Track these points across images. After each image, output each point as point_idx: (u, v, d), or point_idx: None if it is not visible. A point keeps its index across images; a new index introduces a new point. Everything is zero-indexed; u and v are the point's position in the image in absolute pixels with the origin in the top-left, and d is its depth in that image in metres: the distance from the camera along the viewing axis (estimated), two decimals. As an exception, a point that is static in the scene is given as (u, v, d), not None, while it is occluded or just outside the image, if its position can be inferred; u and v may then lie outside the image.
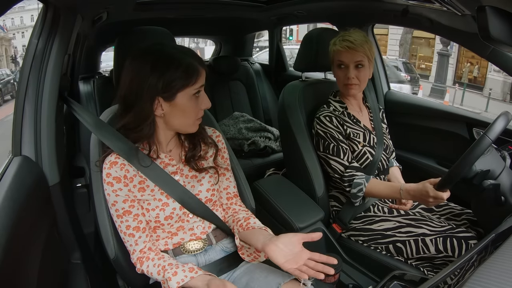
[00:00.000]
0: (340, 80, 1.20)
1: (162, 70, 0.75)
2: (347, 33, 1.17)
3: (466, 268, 0.90)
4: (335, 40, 1.18)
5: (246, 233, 0.83)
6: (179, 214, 0.84)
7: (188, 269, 0.75)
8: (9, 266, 0.60)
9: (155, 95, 0.76)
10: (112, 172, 0.80)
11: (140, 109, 0.77)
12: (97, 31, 1.65)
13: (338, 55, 1.17)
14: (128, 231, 0.80)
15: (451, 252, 0.99)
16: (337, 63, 1.18)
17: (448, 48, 9.33)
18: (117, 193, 0.80)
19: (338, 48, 1.16)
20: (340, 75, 1.19)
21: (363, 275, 1.17)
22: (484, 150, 0.88)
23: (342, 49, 1.15)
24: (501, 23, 0.72)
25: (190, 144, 0.89)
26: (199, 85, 0.79)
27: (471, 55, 10.74)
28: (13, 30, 15.29)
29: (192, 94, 0.79)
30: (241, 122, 2.16)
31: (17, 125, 0.87)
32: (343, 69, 1.17)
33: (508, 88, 9.79)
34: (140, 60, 0.77)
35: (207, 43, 14.46)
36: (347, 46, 1.14)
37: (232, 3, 1.83)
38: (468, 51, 10.04)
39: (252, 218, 0.89)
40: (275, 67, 2.57)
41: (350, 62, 1.15)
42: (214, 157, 0.92)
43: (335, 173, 1.18)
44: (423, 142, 1.58)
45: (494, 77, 10.03)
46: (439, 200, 0.97)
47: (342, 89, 1.22)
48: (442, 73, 9.44)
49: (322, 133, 1.20)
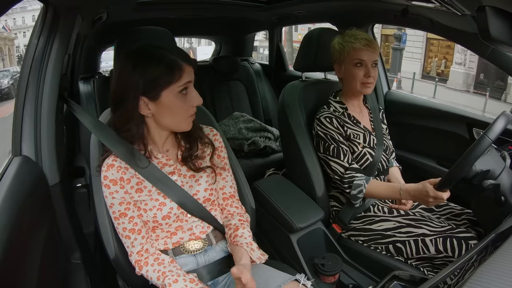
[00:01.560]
0: (358, 79, 1.16)
1: (143, 69, 0.74)
2: (357, 33, 1.16)
3: (466, 268, 0.90)
4: (349, 38, 1.15)
5: (231, 247, 0.85)
6: (177, 214, 0.84)
7: (189, 280, 0.76)
8: (9, 266, 0.60)
9: (138, 95, 0.76)
10: (108, 174, 0.80)
11: (124, 109, 0.78)
12: (97, 31, 1.65)
13: (358, 53, 1.14)
14: (124, 233, 0.81)
15: (451, 252, 0.99)
16: (356, 62, 1.15)
17: (400, 43, 10.09)
18: (113, 196, 0.80)
19: (359, 46, 1.13)
20: (359, 73, 1.16)
21: (363, 275, 1.17)
22: (484, 150, 0.87)
23: (364, 47, 1.13)
24: (501, 23, 0.73)
25: (187, 143, 0.88)
26: (184, 82, 0.77)
27: (436, 49, 12.06)
28: (15, 30, 15.43)
29: (177, 91, 0.77)
30: (241, 122, 2.16)
31: (17, 125, 0.87)
32: (361, 68, 1.15)
33: (470, 79, 10.90)
34: (124, 60, 0.77)
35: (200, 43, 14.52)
36: (367, 44, 1.13)
37: (232, 3, 1.83)
38: (435, 46, 11.99)
39: (240, 229, 0.87)
40: (275, 67, 2.57)
41: (369, 60, 1.14)
42: (211, 156, 0.92)
43: (335, 174, 1.18)
44: (423, 142, 1.58)
45: (456, 69, 11.19)
46: (439, 200, 0.97)
47: (359, 87, 1.18)
48: (395, 65, 10.24)
49: (322, 134, 1.20)
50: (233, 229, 0.87)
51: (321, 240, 1.23)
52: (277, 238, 1.27)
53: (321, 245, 1.23)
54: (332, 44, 1.23)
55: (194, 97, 0.80)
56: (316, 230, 1.22)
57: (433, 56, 12.20)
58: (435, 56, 12.17)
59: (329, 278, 1.13)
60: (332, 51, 1.23)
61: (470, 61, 11.05)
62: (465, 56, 11.14)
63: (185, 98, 0.79)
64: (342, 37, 1.19)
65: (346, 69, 1.19)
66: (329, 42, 1.28)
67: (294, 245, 1.18)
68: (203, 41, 14.66)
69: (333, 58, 1.23)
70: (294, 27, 11.44)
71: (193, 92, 0.80)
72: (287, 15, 2.05)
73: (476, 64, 10.90)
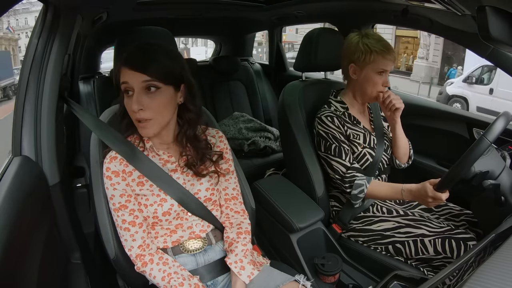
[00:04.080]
0: (377, 87, 1.14)
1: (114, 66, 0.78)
2: (381, 38, 1.14)
3: (464, 269, 0.90)
4: (376, 43, 1.11)
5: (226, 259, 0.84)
6: (177, 211, 0.84)
7: (194, 285, 0.77)
8: (9, 266, 0.60)
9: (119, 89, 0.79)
10: (111, 166, 0.80)
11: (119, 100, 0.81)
12: (97, 31, 1.65)
13: (386, 63, 1.12)
14: (123, 225, 0.80)
15: (450, 253, 0.99)
16: (380, 70, 1.12)
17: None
18: (114, 187, 0.80)
19: (387, 56, 1.11)
20: (379, 82, 1.14)
21: (363, 275, 1.17)
22: (483, 151, 0.87)
23: (391, 57, 1.11)
24: (501, 23, 0.72)
25: (193, 154, 0.87)
26: (121, 82, 0.76)
27: (405, 46, 13.81)
28: (17, 31, 15.55)
29: (123, 91, 0.77)
30: (241, 122, 2.16)
31: (17, 125, 0.87)
32: (382, 76, 1.14)
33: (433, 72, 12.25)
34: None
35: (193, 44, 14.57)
36: (394, 56, 1.12)
37: (232, 3, 1.83)
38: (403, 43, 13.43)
39: (234, 243, 0.85)
40: (275, 67, 2.57)
41: (389, 70, 1.14)
42: (216, 161, 0.91)
43: (336, 174, 1.17)
44: (423, 142, 1.58)
45: (419, 63, 12.60)
46: (438, 200, 0.97)
47: (375, 94, 1.16)
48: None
49: (323, 133, 1.19)
50: (228, 243, 0.87)
51: (321, 240, 1.23)
52: (277, 238, 1.27)
53: (321, 245, 1.23)
54: (353, 42, 1.15)
55: (130, 103, 0.75)
56: (316, 230, 1.22)
57: (402, 53, 13.55)
58: (404, 52, 13.67)
59: (329, 278, 1.13)
60: (352, 50, 1.15)
61: (434, 56, 12.18)
62: (427, 51, 12.25)
63: (128, 101, 0.76)
64: (366, 38, 1.13)
65: (367, 74, 1.14)
66: (329, 42, 1.28)
67: (294, 245, 1.18)
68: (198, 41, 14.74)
69: (351, 57, 1.16)
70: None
71: (132, 97, 0.75)
72: (287, 15, 2.05)
73: (440, 58, 12.06)
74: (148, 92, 0.75)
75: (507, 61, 1.15)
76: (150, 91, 0.75)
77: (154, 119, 0.77)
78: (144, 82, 0.74)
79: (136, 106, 0.74)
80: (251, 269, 0.81)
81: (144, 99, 0.75)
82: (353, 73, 1.18)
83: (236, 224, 0.91)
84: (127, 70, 0.75)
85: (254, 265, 0.84)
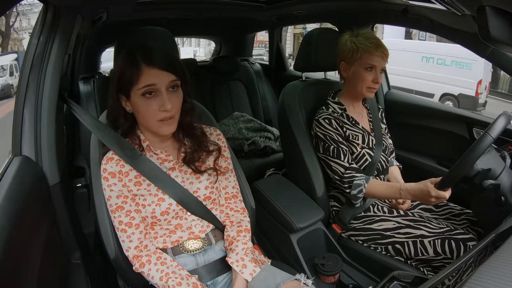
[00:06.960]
0: (366, 83, 1.15)
1: (115, 65, 0.76)
2: (371, 35, 1.14)
3: (464, 269, 0.90)
4: (364, 40, 1.13)
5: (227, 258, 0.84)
6: (176, 210, 0.84)
7: (192, 285, 0.77)
8: (9, 266, 0.60)
9: (116, 92, 0.78)
10: (108, 167, 0.81)
11: (110, 102, 0.80)
12: (97, 31, 1.64)
13: (372, 58, 1.12)
14: (120, 226, 0.81)
15: (449, 254, 0.99)
16: (368, 66, 1.14)
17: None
18: (111, 188, 0.80)
19: (374, 51, 1.12)
20: (368, 77, 1.14)
21: (363, 275, 1.17)
22: (485, 148, 0.88)
23: (378, 53, 1.12)
24: (501, 23, 0.72)
25: (191, 145, 0.88)
26: (142, 85, 0.73)
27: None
28: (21, 32, 15.69)
29: (140, 94, 0.74)
30: (241, 122, 2.16)
31: (17, 125, 0.87)
32: (371, 72, 1.14)
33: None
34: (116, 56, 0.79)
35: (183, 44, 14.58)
36: (382, 51, 1.12)
37: (232, 3, 1.83)
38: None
39: (234, 242, 0.85)
40: (275, 67, 2.57)
41: (379, 67, 1.14)
42: (216, 159, 0.91)
43: (335, 174, 1.18)
44: (423, 142, 1.58)
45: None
46: (441, 199, 0.97)
47: (364, 91, 1.17)
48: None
49: (321, 135, 1.20)
50: (228, 242, 0.87)
51: (321, 240, 1.23)
52: (277, 238, 1.27)
53: (321, 245, 1.23)
54: (343, 41, 1.18)
55: (161, 102, 0.74)
56: (316, 230, 1.22)
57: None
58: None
59: (329, 278, 1.13)
60: (341, 48, 1.18)
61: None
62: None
63: (149, 102, 0.75)
64: (355, 37, 1.15)
65: (355, 71, 1.16)
66: (329, 42, 1.28)
67: (294, 245, 1.18)
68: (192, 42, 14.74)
69: (341, 55, 1.19)
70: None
71: (163, 96, 0.74)
72: (287, 15, 2.05)
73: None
74: (171, 91, 0.76)
75: (507, 61, 1.15)
76: (173, 90, 0.77)
77: (176, 115, 0.79)
78: (171, 82, 0.75)
79: (170, 106, 0.75)
80: (252, 267, 0.82)
81: (170, 98, 0.76)
82: (343, 71, 1.21)
83: (236, 222, 0.91)
84: (154, 70, 0.73)
85: (256, 262, 0.84)
